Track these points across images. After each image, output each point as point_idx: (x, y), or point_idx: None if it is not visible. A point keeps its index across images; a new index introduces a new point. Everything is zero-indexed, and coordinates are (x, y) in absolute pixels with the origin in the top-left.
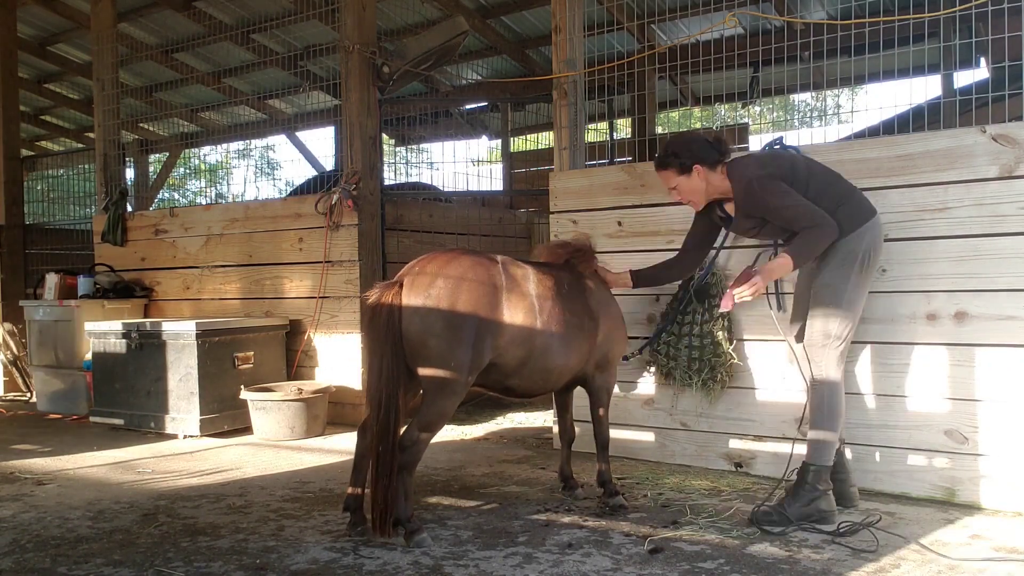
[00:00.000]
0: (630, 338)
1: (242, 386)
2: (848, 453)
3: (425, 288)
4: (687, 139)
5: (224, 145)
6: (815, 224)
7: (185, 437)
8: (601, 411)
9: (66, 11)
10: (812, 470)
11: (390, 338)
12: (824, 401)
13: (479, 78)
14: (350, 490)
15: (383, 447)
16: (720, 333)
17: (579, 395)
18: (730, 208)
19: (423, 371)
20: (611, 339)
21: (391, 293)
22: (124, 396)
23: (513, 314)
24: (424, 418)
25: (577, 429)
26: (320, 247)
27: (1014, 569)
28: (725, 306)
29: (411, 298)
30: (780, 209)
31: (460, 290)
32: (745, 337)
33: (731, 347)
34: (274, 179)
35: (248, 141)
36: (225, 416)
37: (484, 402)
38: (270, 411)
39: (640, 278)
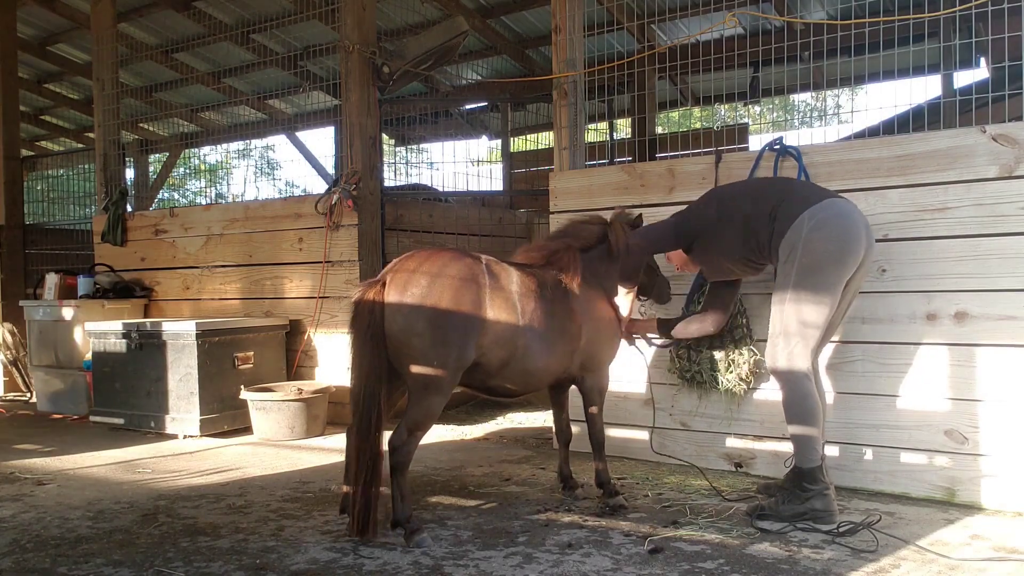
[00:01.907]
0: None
1: (242, 386)
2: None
3: (408, 286)
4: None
5: (224, 145)
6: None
7: (185, 437)
8: (594, 411)
9: (66, 11)
10: (797, 471)
11: (372, 336)
12: (789, 395)
13: (479, 78)
14: (345, 490)
15: (364, 446)
16: (740, 329)
17: (576, 394)
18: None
19: (407, 369)
20: (596, 341)
21: (373, 291)
22: (124, 396)
23: (496, 313)
24: (411, 418)
25: (575, 428)
26: (320, 247)
27: (1014, 569)
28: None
29: (393, 296)
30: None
31: (443, 288)
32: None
33: (753, 343)
34: (274, 179)
35: (248, 141)
36: (225, 416)
37: (484, 402)
38: (270, 411)
39: (664, 326)
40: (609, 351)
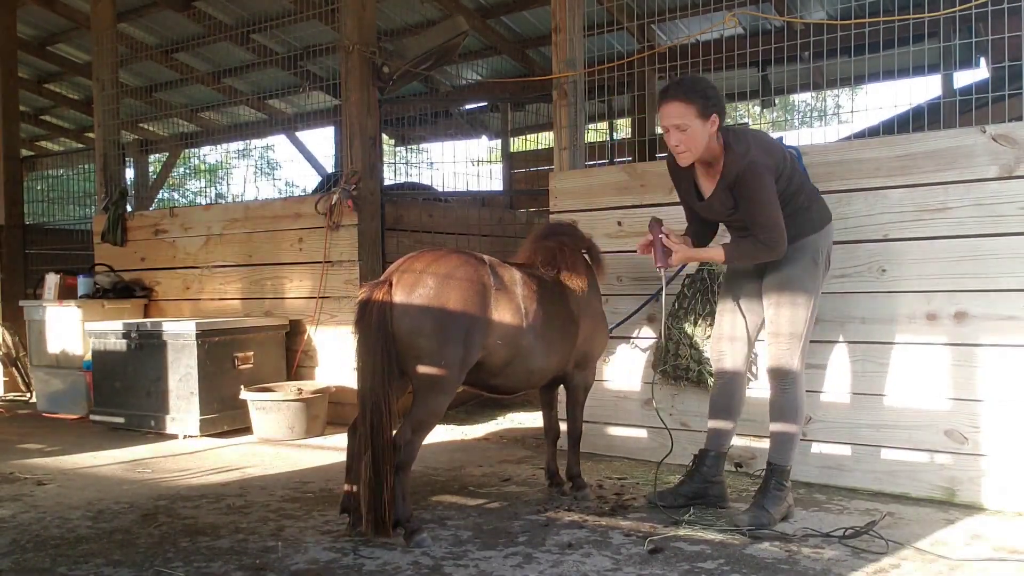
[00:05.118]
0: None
1: (242, 386)
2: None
3: (415, 286)
4: (712, 85)
5: (224, 145)
6: (771, 239)
7: (185, 437)
8: (578, 408)
9: (66, 11)
10: (780, 470)
11: (381, 337)
12: (796, 396)
13: (479, 78)
14: (346, 488)
15: (376, 447)
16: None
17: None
18: (704, 183)
19: (413, 369)
20: (591, 339)
21: (381, 291)
22: (124, 396)
23: (501, 314)
24: (416, 417)
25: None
26: (320, 247)
27: (1015, 570)
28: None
29: (401, 296)
30: (759, 205)
31: (450, 288)
32: None
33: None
34: (274, 179)
35: (248, 141)
36: (225, 416)
37: (484, 402)
38: (270, 411)
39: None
40: (601, 347)
